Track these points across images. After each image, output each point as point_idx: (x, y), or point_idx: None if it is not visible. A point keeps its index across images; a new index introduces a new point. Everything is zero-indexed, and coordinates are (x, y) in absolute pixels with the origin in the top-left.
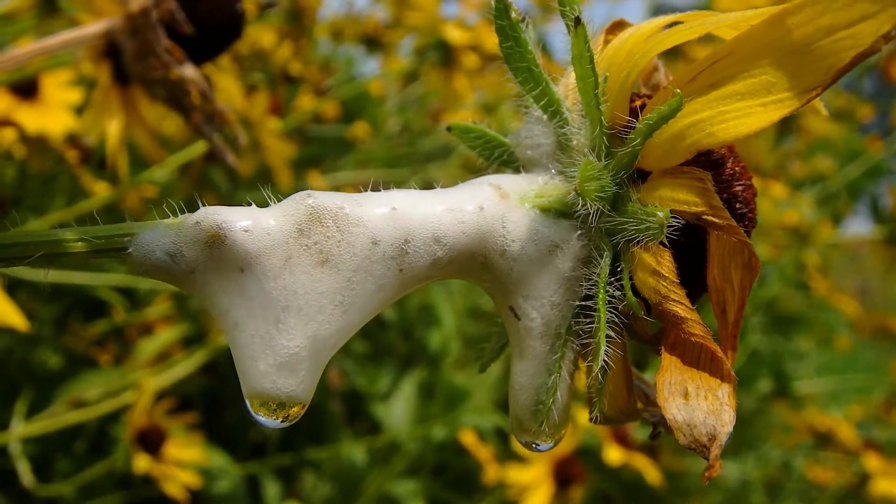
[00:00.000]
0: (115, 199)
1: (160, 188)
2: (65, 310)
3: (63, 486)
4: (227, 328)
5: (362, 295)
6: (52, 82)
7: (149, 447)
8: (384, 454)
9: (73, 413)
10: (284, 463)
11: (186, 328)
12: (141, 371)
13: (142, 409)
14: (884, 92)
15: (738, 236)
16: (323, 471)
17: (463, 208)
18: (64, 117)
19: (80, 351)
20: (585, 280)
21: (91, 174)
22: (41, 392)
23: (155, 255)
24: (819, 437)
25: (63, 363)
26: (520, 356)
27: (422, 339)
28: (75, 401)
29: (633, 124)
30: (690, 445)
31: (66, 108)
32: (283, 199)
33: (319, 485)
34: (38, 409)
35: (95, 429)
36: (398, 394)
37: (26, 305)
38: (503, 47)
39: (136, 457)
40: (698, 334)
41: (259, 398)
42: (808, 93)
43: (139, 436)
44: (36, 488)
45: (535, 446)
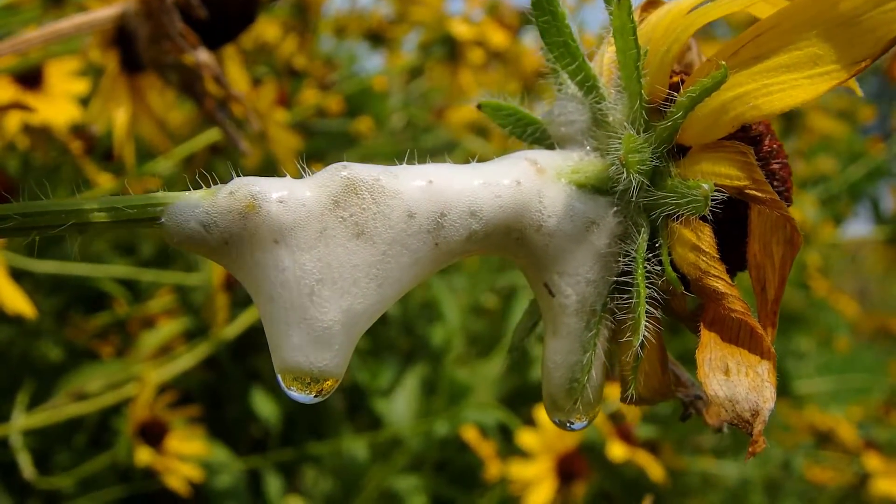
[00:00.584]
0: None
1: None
2: (66, 302)
3: (63, 478)
4: (260, 300)
5: (397, 268)
6: (56, 72)
7: (150, 440)
8: (386, 449)
9: (74, 406)
10: (286, 458)
11: (188, 321)
12: (142, 364)
13: (143, 403)
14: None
15: (781, 210)
16: (324, 466)
17: (499, 182)
18: (68, 108)
19: (82, 343)
20: (622, 256)
21: (95, 165)
22: (42, 384)
23: (189, 225)
24: (819, 436)
25: (64, 356)
26: (554, 334)
27: (424, 335)
28: (76, 393)
29: (673, 98)
30: (733, 421)
31: (71, 99)
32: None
33: (321, 480)
34: (38, 402)
35: (96, 422)
36: (400, 389)
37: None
38: (539, 22)
39: (137, 450)
40: (738, 310)
41: (292, 372)
42: (856, 64)
43: (141, 429)
44: (37, 481)
45: (570, 425)
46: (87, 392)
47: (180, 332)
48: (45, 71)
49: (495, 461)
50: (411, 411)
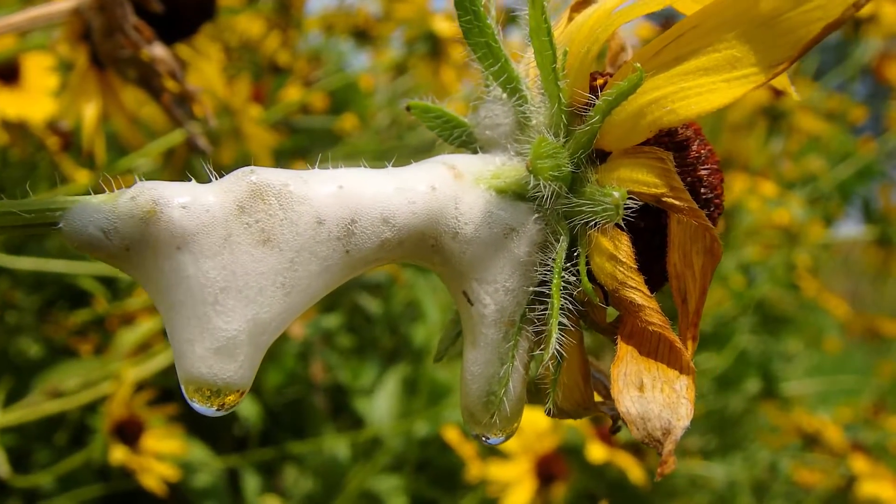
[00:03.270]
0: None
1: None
2: (46, 299)
3: (41, 476)
4: (163, 309)
5: (306, 276)
6: (34, 67)
7: (127, 439)
8: (367, 449)
9: (53, 403)
10: (266, 457)
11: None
12: (121, 361)
13: (120, 400)
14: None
15: (699, 220)
16: (305, 465)
17: (414, 188)
18: (46, 103)
19: (61, 340)
20: (541, 265)
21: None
22: (20, 381)
23: (87, 231)
24: (806, 438)
25: (43, 352)
26: (472, 344)
27: (407, 335)
28: (52, 390)
29: (593, 102)
30: (644, 440)
31: (49, 94)
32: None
33: (301, 479)
34: (16, 399)
35: (76, 419)
36: (382, 389)
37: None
38: (461, 22)
39: (112, 448)
40: (656, 323)
41: (194, 384)
42: (774, 68)
43: (117, 427)
44: (13, 479)
45: (486, 439)
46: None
47: (159, 329)
48: (22, 65)
49: (476, 462)
50: (392, 411)
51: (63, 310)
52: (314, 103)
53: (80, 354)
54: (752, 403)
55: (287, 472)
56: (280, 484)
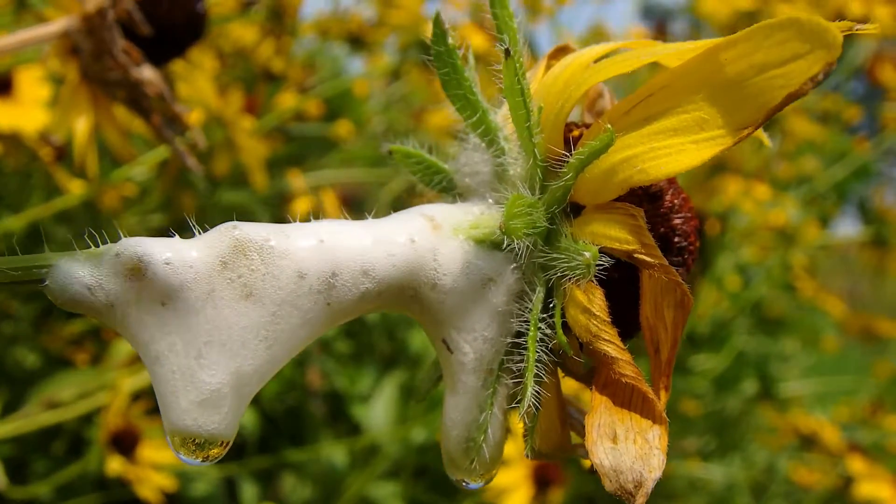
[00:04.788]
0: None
1: (139, 187)
2: (43, 309)
3: (39, 486)
4: (148, 362)
5: (288, 329)
6: (27, 78)
7: (123, 449)
8: (365, 456)
9: (50, 413)
10: (264, 464)
11: None
12: (117, 371)
13: (116, 410)
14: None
15: (670, 276)
16: (303, 472)
17: (393, 240)
18: (39, 114)
19: (57, 350)
20: (518, 315)
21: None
22: (17, 391)
23: (72, 288)
24: (804, 439)
25: (40, 363)
26: (452, 390)
27: (404, 341)
28: (49, 401)
29: (567, 157)
30: (616, 492)
31: (42, 105)
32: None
33: (299, 486)
34: (13, 409)
35: (74, 429)
36: (379, 395)
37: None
38: (440, 74)
39: (109, 459)
40: (629, 375)
41: (180, 435)
42: (740, 131)
43: (113, 437)
44: (10, 490)
45: (466, 484)
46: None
47: None
48: (16, 77)
49: None
50: (390, 417)
51: (59, 320)
52: (309, 110)
53: (77, 364)
54: (749, 404)
55: (285, 480)
56: (278, 491)
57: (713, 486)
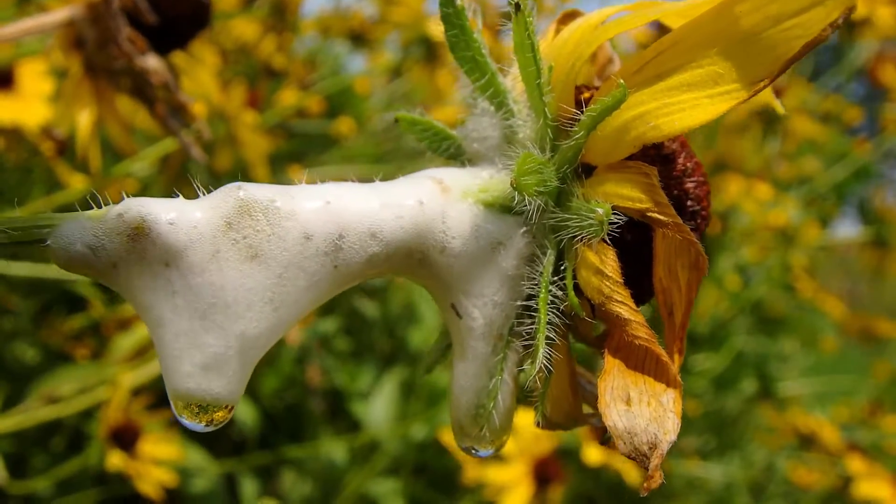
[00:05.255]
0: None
1: (140, 182)
2: (43, 304)
3: (39, 481)
4: (151, 325)
5: (294, 292)
6: (29, 72)
7: (123, 444)
8: (364, 453)
9: (49, 409)
10: (263, 461)
11: None
12: (117, 366)
13: (117, 406)
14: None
15: (684, 234)
16: (302, 469)
17: (401, 203)
18: (40, 108)
19: (57, 345)
20: (528, 279)
21: (67, 166)
22: (17, 387)
23: (74, 248)
24: (803, 439)
25: (39, 358)
26: (461, 357)
27: (404, 338)
28: (49, 396)
29: (578, 117)
30: (630, 454)
31: (43, 99)
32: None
33: (299, 483)
34: (13, 404)
35: (73, 425)
36: (379, 392)
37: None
38: (448, 36)
39: (109, 454)
40: (642, 337)
41: (183, 399)
42: (755, 84)
43: (114, 432)
44: (10, 485)
45: (475, 451)
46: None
47: None
48: (17, 71)
49: (473, 465)
50: (390, 414)
51: (59, 315)
52: (310, 107)
53: (77, 360)
54: (748, 404)
55: (284, 476)
56: (277, 488)
57: (712, 485)
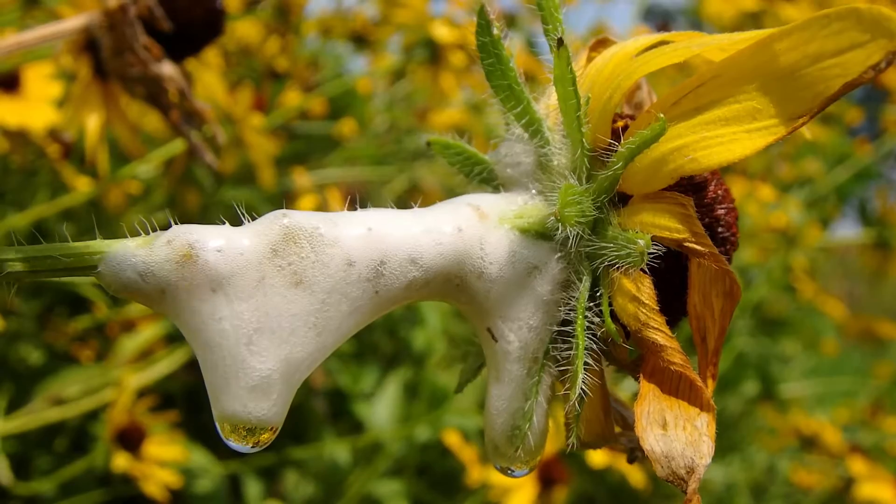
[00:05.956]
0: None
1: (143, 184)
2: (47, 305)
3: (42, 483)
4: (198, 349)
5: (337, 317)
6: (35, 76)
7: (128, 445)
8: (367, 454)
9: (54, 410)
10: (267, 462)
11: (168, 326)
12: (122, 368)
13: (122, 407)
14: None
15: (720, 264)
16: (305, 470)
17: (440, 229)
18: (46, 111)
19: (61, 347)
20: (564, 304)
21: (73, 169)
22: (21, 388)
23: (125, 275)
24: (804, 440)
25: (44, 359)
26: (496, 380)
27: (406, 339)
28: (54, 398)
29: (614, 147)
30: (668, 478)
31: (49, 103)
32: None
33: (302, 484)
34: (17, 406)
35: (77, 426)
36: (382, 393)
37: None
38: (485, 64)
39: (115, 455)
40: (677, 363)
41: (230, 422)
42: (794, 121)
43: (119, 434)
44: (14, 486)
45: (511, 472)
46: (65, 396)
47: (160, 336)
48: (23, 74)
49: (476, 466)
50: (393, 416)
51: (63, 316)
52: (313, 108)
53: (81, 361)
54: (750, 405)
55: (287, 477)
56: (280, 489)
57: (713, 486)
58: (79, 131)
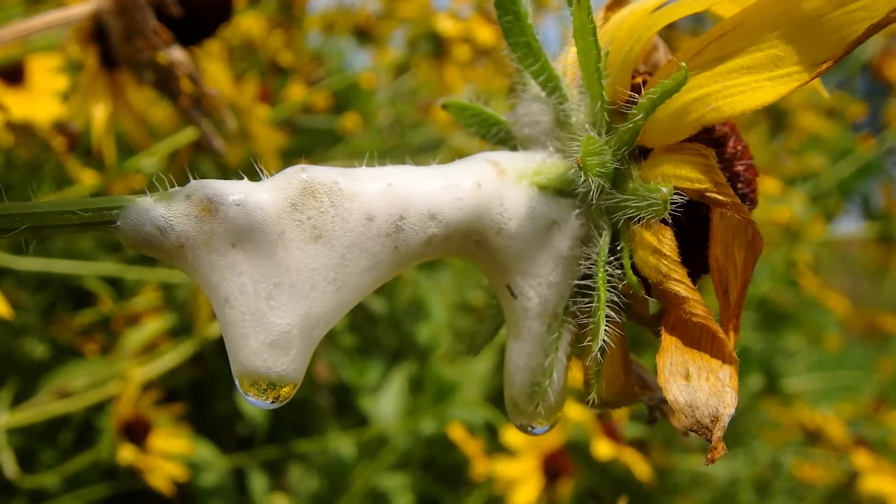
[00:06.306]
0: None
1: (147, 177)
2: (51, 299)
3: (47, 476)
4: (217, 305)
5: (356, 272)
6: (39, 68)
7: (134, 438)
8: (372, 448)
9: (59, 403)
10: (272, 456)
11: (174, 319)
12: (127, 362)
13: (127, 400)
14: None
15: (742, 214)
16: (310, 464)
17: (460, 185)
18: (51, 104)
19: (66, 341)
20: (584, 259)
21: (78, 161)
22: (26, 382)
23: (144, 229)
24: (808, 434)
25: (49, 353)
26: (516, 337)
27: (411, 333)
28: (60, 391)
29: (634, 100)
30: (692, 427)
31: (54, 95)
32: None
33: (307, 478)
34: (22, 400)
35: (81, 420)
36: (387, 387)
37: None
38: (502, 21)
39: (121, 448)
40: (700, 314)
41: (249, 377)
42: (817, 66)
43: (124, 427)
44: (20, 479)
45: (531, 429)
46: (71, 390)
47: (165, 329)
48: (28, 67)
49: (482, 459)
50: (398, 409)
51: (68, 310)
52: (317, 103)
53: (86, 355)
54: (753, 400)
55: (292, 471)
56: (285, 483)
57: (716, 481)
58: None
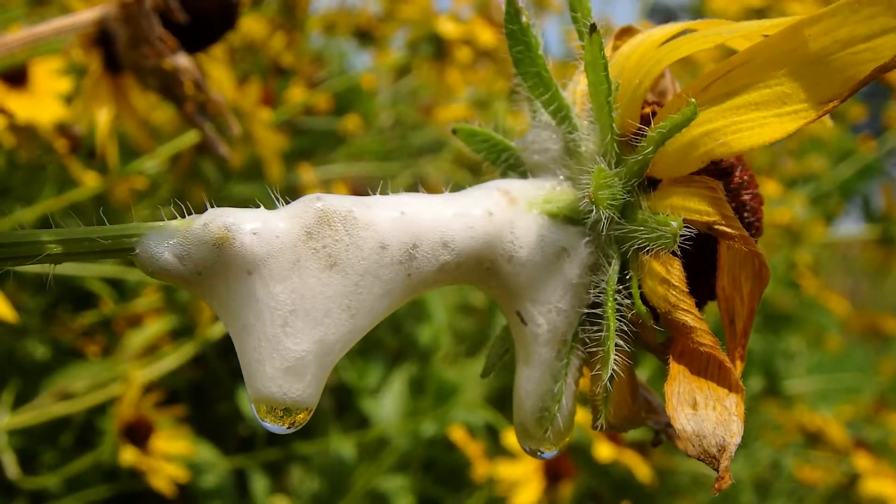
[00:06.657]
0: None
1: (150, 179)
2: (53, 301)
3: (49, 478)
4: (234, 331)
5: (370, 299)
6: (42, 71)
7: (136, 440)
8: (373, 449)
9: (60, 405)
10: (272, 457)
11: (175, 320)
12: (128, 363)
13: (129, 402)
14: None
15: (749, 246)
16: (311, 465)
17: (471, 213)
18: (54, 106)
19: (68, 342)
20: (593, 287)
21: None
22: (27, 383)
23: (162, 257)
24: (809, 436)
25: (50, 354)
26: (525, 362)
27: (412, 334)
28: (61, 392)
29: (643, 132)
30: (700, 456)
31: (57, 97)
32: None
33: (307, 479)
34: (24, 401)
35: (82, 421)
36: (388, 389)
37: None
38: (513, 52)
39: (122, 449)
40: (707, 344)
41: (266, 403)
42: (824, 104)
43: (126, 428)
44: (21, 480)
45: (540, 453)
46: (72, 391)
47: (167, 331)
48: (31, 69)
49: (483, 461)
50: (399, 411)
51: (69, 311)
52: (318, 104)
53: (88, 356)
54: (754, 401)
55: (293, 473)
56: (286, 484)
57: None
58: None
